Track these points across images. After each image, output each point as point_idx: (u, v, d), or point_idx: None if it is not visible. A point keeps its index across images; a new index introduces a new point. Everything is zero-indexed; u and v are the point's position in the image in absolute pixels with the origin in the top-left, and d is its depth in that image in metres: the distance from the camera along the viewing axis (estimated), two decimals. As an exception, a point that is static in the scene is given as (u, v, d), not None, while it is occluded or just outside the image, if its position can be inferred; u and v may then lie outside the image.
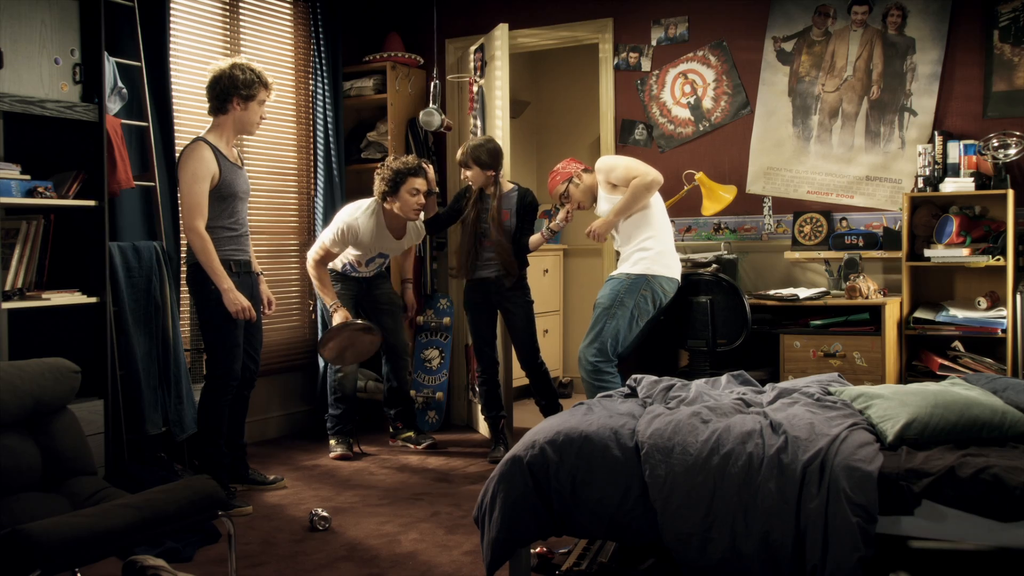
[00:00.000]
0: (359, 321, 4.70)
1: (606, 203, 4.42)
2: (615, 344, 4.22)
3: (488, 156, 4.64)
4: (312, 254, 4.77)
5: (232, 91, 3.96)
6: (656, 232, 4.32)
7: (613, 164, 4.40)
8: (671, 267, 4.33)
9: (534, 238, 4.76)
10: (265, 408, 5.38)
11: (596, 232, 4.37)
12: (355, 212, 4.72)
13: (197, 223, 3.86)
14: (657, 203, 4.41)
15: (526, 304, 4.80)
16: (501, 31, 5.02)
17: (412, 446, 5.12)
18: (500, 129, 5.01)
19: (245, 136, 4.79)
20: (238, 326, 4.01)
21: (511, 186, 4.81)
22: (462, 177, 4.76)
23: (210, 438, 4.04)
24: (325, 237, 4.75)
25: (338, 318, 4.65)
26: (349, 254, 4.85)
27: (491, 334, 4.92)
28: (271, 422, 5.43)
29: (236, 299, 3.91)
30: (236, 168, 4.05)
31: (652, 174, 4.27)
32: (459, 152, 4.73)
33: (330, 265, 4.88)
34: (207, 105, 4.04)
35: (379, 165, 4.73)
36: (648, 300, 4.25)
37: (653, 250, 4.28)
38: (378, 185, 4.66)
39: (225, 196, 3.97)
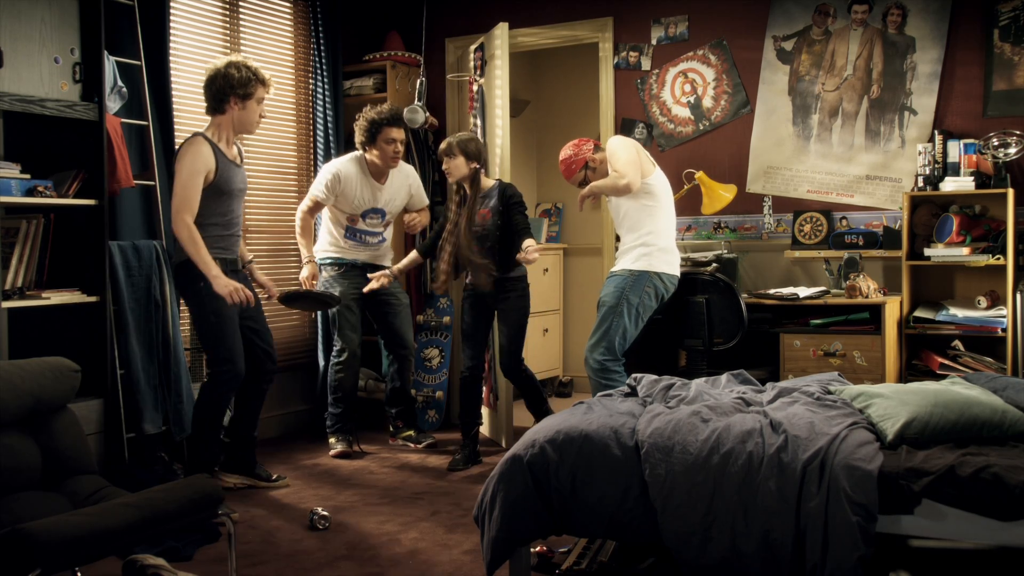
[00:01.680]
0: (323, 292, 4.68)
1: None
2: (622, 342, 4.24)
3: (475, 147, 4.57)
4: (302, 205, 4.92)
5: (228, 91, 3.92)
6: (659, 227, 4.31)
7: (616, 152, 4.31)
8: (672, 264, 4.34)
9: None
10: (265, 407, 5.35)
11: (581, 196, 4.35)
12: (337, 162, 4.92)
13: (185, 216, 3.81)
14: (666, 197, 4.38)
15: (521, 308, 4.62)
16: (501, 30, 5.02)
17: (412, 445, 5.13)
18: (500, 128, 5.01)
19: (252, 134, 4.79)
20: (232, 319, 3.94)
21: (492, 183, 4.66)
22: (444, 168, 4.62)
23: (203, 438, 3.97)
24: (314, 190, 4.89)
25: (306, 271, 4.81)
26: (343, 216, 4.89)
27: (482, 339, 4.76)
28: (271, 421, 5.43)
29: (226, 283, 3.83)
30: (234, 166, 4.02)
31: (626, 180, 4.17)
32: (443, 143, 4.64)
33: (335, 253, 4.93)
34: (205, 105, 4.01)
35: (357, 116, 4.91)
36: (652, 296, 4.26)
37: (655, 246, 4.28)
38: (357, 135, 4.84)
39: (220, 193, 3.94)
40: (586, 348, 4.31)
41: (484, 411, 5.31)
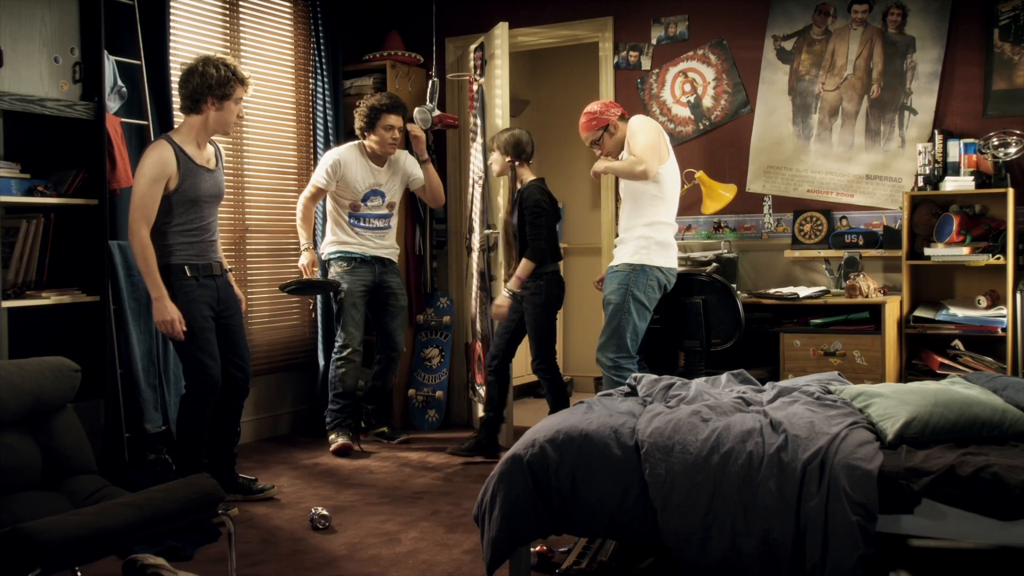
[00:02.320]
0: (323, 280, 4.93)
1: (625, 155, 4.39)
2: (634, 338, 4.26)
3: (510, 141, 4.68)
4: (303, 194, 5.02)
5: (206, 91, 3.73)
6: (659, 218, 4.29)
7: (637, 134, 4.28)
8: (669, 258, 4.35)
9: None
10: (265, 407, 5.38)
11: (595, 171, 4.45)
12: (336, 149, 5.05)
13: (140, 226, 3.62)
14: (672, 188, 4.36)
15: (534, 305, 4.61)
16: (501, 29, 5.02)
17: (386, 441, 5.18)
18: (499, 127, 5.01)
19: (232, 134, 4.79)
20: (205, 328, 3.79)
21: (529, 178, 4.71)
22: (489, 162, 4.89)
23: (188, 449, 3.86)
24: (315, 178, 4.98)
25: (305, 258, 4.92)
26: (345, 203, 4.96)
27: (508, 336, 4.76)
28: (271, 420, 5.43)
29: (164, 309, 3.65)
30: (204, 171, 3.79)
31: (643, 166, 4.18)
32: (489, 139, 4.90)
33: (343, 247, 4.96)
34: (179, 104, 3.83)
35: (357, 103, 5.06)
36: (656, 288, 4.29)
37: (652, 239, 4.27)
38: (357, 121, 4.97)
39: (187, 200, 3.74)
40: (597, 347, 4.32)
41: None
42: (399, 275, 5.15)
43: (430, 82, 5.32)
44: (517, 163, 4.67)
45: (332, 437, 4.99)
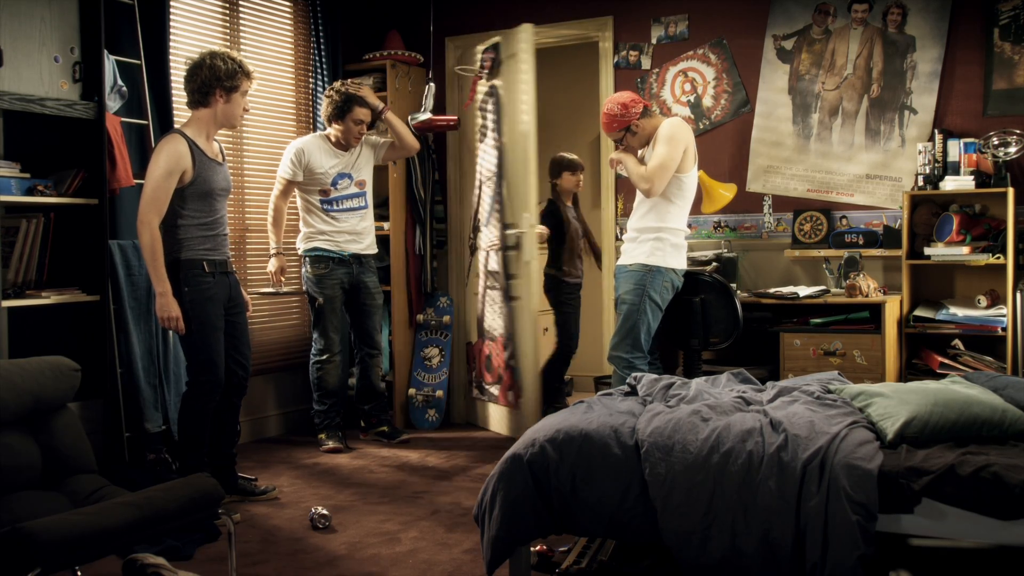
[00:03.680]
0: (289, 293, 5.10)
1: (648, 154, 4.32)
2: (647, 337, 4.28)
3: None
4: (273, 193, 4.99)
5: (215, 83, 3.74)
6: (675, 223, 4.27)
7: (659, 145, 4.19)
8: (682, 259, 4.36)
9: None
10: (265, 406, 5.38)
11: (611, 161, 4.55)
12: (296, 140, 5.03)
13: (152, 217, 3.62)
14: (691, 193, 4.34)
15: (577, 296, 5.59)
16: (526, 32, 4.95)
17: (386, 440, 5.17)
18: (525, 126, 4.97)
19: (236, 129, 4.79)
20: (216, 327, 3.80)
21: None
22: (579, 182, 5.56)
23: (191, 447, 3.85)
24: (281, 171, 4.94)
25: (274, 264, 4.95)
26: (315, 191, 4.93)
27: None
28: (270, 420, 5.43)
29: (168, 305, 3.66)
30: (215, 164, 3.81)
31: (647, 186, 4.17)
32: (576, 160, 5.53)
33: (320, 243, 4.94)
34: (186, 99, 3.83)
35: (329, 88, 5.00)
36: (669, 289, 4.30)
37: (668, 241, 4.26)
38: (325, 107, 4.93)
39: (201, 194, 3.75)
40: (610, 346, 4.33)
41: (504, 410, 5.30)
42: (376, 273, 5.12)
43: (427, 87, 5.29)
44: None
45: (322, 437, 5.01)
